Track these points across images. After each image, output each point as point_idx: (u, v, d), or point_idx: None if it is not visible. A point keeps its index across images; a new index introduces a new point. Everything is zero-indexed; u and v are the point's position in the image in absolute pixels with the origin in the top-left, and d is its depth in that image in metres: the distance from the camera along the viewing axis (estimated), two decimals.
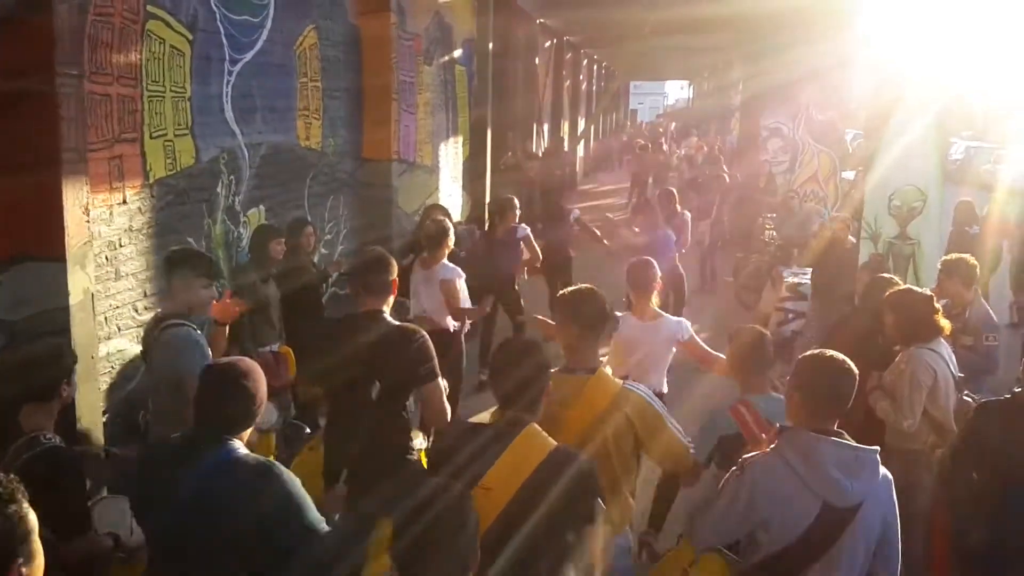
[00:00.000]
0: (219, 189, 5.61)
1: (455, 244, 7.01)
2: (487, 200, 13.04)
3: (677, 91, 73.32)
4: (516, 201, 8.11)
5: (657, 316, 4.67)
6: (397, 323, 3.47)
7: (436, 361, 3.38)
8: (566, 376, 3.03)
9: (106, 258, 4.46)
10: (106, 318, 4.50)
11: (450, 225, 6.66)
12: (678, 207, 9.40)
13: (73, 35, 3.75)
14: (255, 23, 6.00)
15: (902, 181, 7.01)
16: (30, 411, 2.92)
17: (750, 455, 2.80)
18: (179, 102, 5.09)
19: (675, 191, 10.17)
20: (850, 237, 8.01)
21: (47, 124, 3.63)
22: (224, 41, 5.58)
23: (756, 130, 17.09)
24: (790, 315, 9.78)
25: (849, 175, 13.35)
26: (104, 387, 4.49)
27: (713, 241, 12.36)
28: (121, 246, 4.59)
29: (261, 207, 6.23)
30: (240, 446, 2.55)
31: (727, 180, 12.96)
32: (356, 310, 3.52)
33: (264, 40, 6.13)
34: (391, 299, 3.54)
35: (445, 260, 6.23)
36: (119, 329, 4.62)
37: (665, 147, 25.99)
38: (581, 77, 26.94)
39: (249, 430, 2.63)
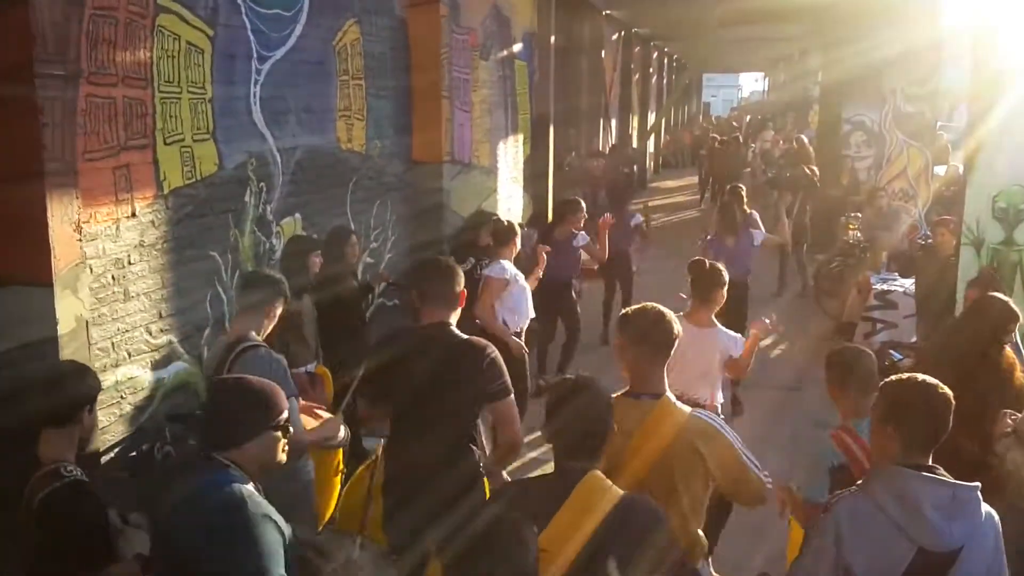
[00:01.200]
0: (247, 198, 5.18)
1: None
2: (550, 201, 12.51)
3: (752, 83, 71.62)
4: (582, 204, 7.90)
5: (712, 325, 4.48)
6: (465, 336, 3.29)
7: (508, 377, 3.22)
8: (630, 402, 2.83)
9: (112, 278, 4.05)
10: (113, 343, 4.09)
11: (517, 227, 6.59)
12: (746, 207, 8.71)
13: (57, 32, 3.33)
14: (287, 17, 5.56)
15: (1008, 180, 6.18)
16: (48, 438, 2.76)
17: (838, 493, 2.60)
18: (198, 104, 4.66)
19: (742, 189, 9.45)
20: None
21: (27, 133, 3.21)
22: (251, 37, 5.14)
23: (836, 123, 16.12)
24: (879, 325, 8.97)
25: (939, 170, 12.33)
26: (112, 419, 4.09)
27: (797, 243, 11.52)
28: (131, 264, 4.17)
29: (297, 216, 5.79)
30: (230, 470, 2.31)
31: (815, 178, 12.00)
32: (418, 321, 3.36)
33: (298, 36, 5.68)
34: (458, 311, 3.39)
35: (502, 260, 5.90)
36: (129, 355, 4.21)
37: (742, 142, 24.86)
38: (651, 70, 26.11)
39: (257, 442, 2.37)
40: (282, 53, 5.48)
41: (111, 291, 4.05)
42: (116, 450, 4.08)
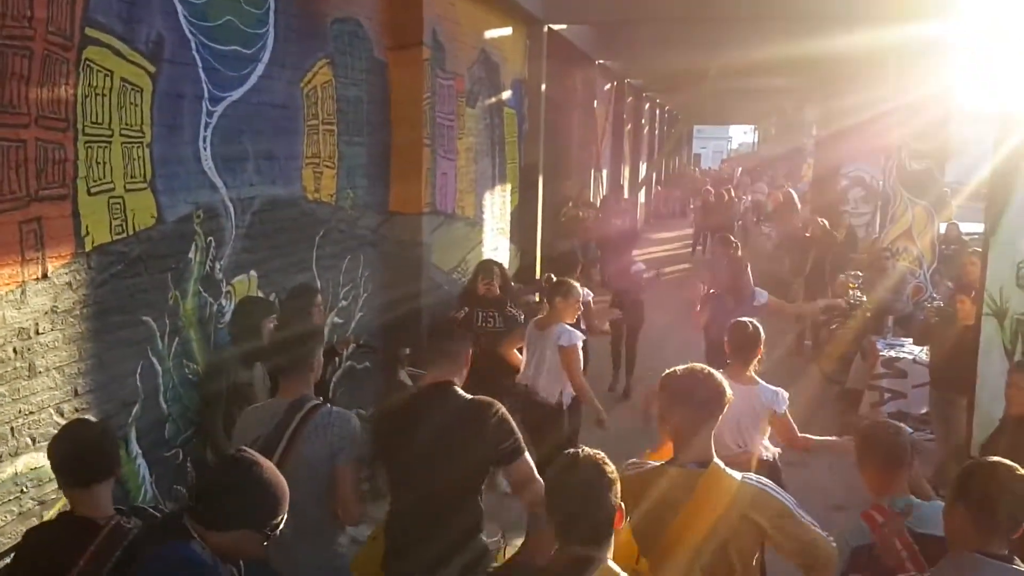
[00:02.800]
0: (192, 254, 4.58)
1: (511, 300, 6.05)
2: (538, 253, 11.98)
3: (740, 135, 72.03)
4: (576, 289, 7.28)
5: (753, 382, 4.28)
6: (469, 396, 3.15)
7: (519, 433, 3.05)
8: (675, 471, 2.67)
9: (14, 350, 3.43)
10: (13, 428, 3.45)
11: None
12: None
13: None
14: (247, 55, 5.02)
15: None
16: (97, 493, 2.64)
17: None
18: (134, 149, 4.08)
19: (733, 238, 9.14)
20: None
21: None
22: (203, 75, 4.59)
23: (833, 176, 15.72)
24: (887, 395, 8.39)
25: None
26: (10, 518, 3.44)
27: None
28: (39, 333, 3.55)
29: (252, 273, 5.19)
30: (192, 543, 2.19)
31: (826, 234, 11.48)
32: (421, 383, 3.29)
33: (260, 75, 5.14)
34: (464, 372, 3.28)
35: (565, 322, 5.29)
36: (33, 441, 3.56)
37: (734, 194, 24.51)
38: (643, 121, 25.85)
39: (236, 535, 2.24)
40: (240, 94, 4.93)
41: (12, 367, 3.43)
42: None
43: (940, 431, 6.89)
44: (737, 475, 2.69)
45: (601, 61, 16.26)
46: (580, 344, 5.34)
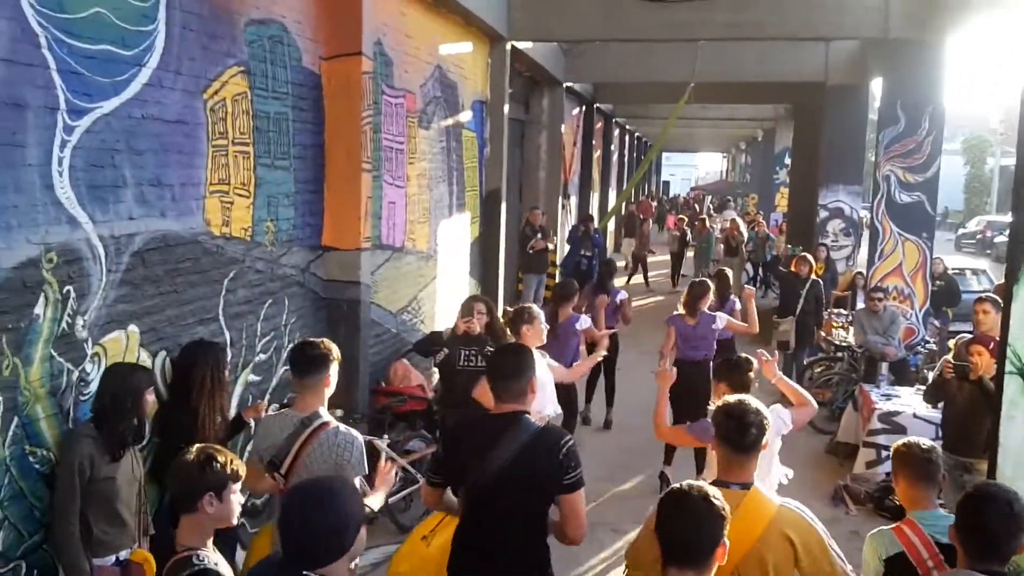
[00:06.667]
0: (39, 309, 3.55)
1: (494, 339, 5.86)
2: (500, 287, 11.04)
3: (707, 163, 72.06)
4: (576, 286, 8.01)
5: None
6: (542, 426, 3.27)
7: (581, 468, 3.16)
8: (721, 491, 2.57)
9: None
10: None
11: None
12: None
13: None
14: (126, 57, 4.02)
15: None
16: (183, 524, 2.69)
17: None
18: None
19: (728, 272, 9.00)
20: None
21: None
22: (58, 80, 3.59)
23: (810, 208, 14.99)
24: (884, 452, 7.50)
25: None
26: None
27: (800, 344, 10.10)
28: None
29: (132, 328, 4.16)
30: None
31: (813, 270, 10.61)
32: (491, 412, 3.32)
33: (144, 83, 4.14)
34: (531, 397, 3.32)
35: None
36: None
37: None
38: (612, 147, 25.12)
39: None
40: (113, 106, 3.93)
41: None
42: None
43: (953, 500, 6.02)
44: (777, 499, 2.95)
45: (569, 84, 15.46)
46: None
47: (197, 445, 2.83)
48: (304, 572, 2.26)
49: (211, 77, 4.76)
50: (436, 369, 6.62)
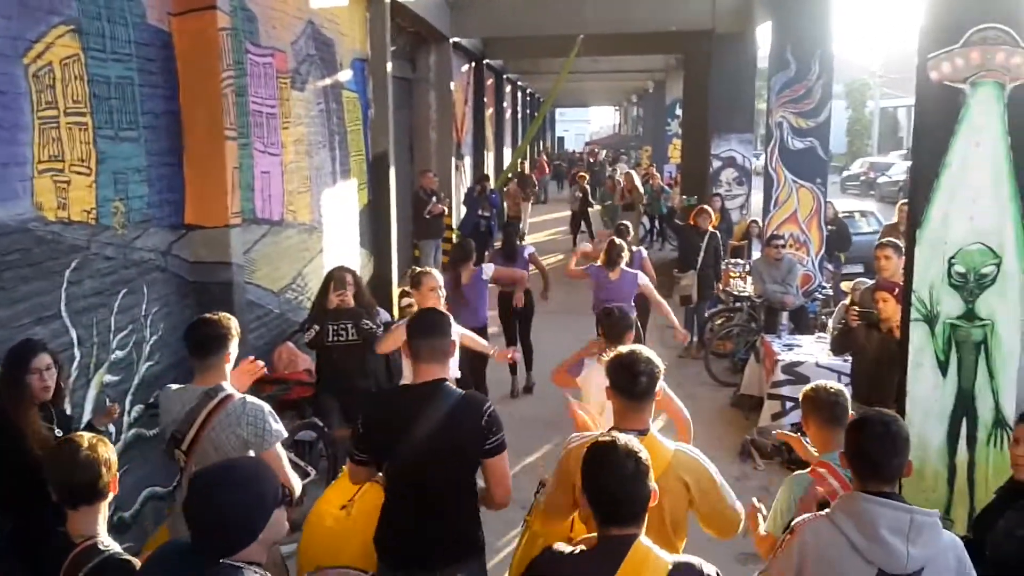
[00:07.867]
0: None
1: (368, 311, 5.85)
2: (393, 256, 10.54)
3: (600, 117, 72.40)
4: (472, 244, 7.98)
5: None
6: (463, 392, 3.21)
7: (504, 431, 3.18)
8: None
9: None
10: None
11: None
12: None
13: None
14: None
15: (966, 237, 4.70)
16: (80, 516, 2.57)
17: (802, 517, 2.80)
18: None
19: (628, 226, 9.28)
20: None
21: None
22: None
23: (704, 157, 14.97)
24: (788, 403, 7.45)
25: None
26: None
27: (702, 297, 10.00)
28: None
29: None
30: (243, 571, 2.14)
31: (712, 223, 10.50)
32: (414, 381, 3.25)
33: None
34: (451, 363, 3.42)
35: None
36: None
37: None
38: (505, 105, 24.64)
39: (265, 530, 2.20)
40: None
41: None
42: None
43: None
44: (671, 443, 3.05)
45: (457, 40, 14.87)
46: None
47: (65, 437, 2.77)
48: (221, 560, 2.13)
49: (32, 38, 4.09)
50: (310, 349, 6.17)
